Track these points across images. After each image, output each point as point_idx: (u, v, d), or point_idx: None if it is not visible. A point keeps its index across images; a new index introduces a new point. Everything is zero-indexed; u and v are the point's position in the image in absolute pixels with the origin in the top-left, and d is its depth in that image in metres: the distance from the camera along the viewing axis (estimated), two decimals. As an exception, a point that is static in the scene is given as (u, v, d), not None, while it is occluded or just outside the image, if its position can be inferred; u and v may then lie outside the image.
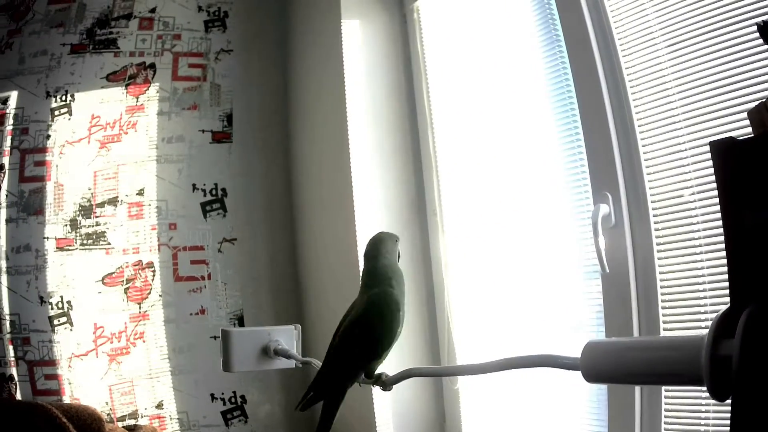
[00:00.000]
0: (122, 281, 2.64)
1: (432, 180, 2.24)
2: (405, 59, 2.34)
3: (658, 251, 1.40)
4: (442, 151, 2.20)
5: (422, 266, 2.28)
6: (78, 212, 2.65)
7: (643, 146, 1.43)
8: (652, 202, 1.41)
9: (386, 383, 1.15)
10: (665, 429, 1.36)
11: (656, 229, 1.41)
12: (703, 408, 1.31)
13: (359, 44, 2.32)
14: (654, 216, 1.41)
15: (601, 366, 0.68)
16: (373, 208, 2.23)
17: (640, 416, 1.43)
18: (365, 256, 1.24)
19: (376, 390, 1.97)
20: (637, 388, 1.40)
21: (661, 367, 0.64)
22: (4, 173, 2.69)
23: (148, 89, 2.74)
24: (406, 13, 2.35)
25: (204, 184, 2.72)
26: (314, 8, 2.60)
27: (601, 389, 1.55)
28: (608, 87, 1.49)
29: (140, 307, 2.62)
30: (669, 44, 1.36)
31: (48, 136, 2.70)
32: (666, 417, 1.36)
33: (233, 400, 2.63)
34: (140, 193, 2.67)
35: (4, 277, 2.78)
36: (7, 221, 2.78)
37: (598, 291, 1.53)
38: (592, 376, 0.69)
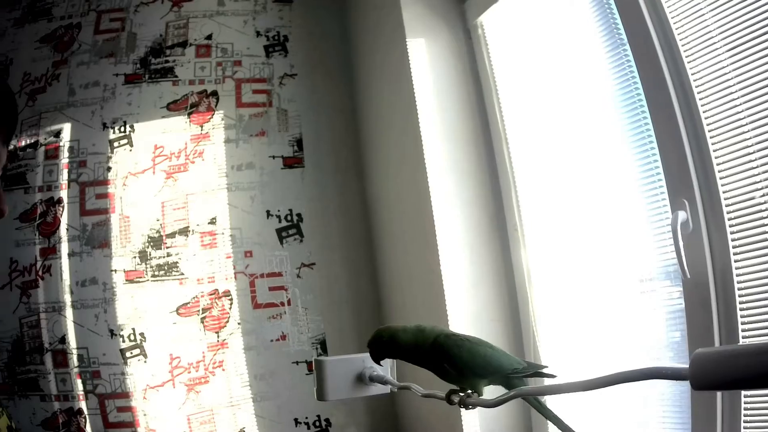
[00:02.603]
0: (198, 311, 2.53)
1: (510, 195, 2.21)
2: (473, 75, 2.32)
3: (734, 254, 1.40)
4: (519, 165, 2.20)
5: (505, 282, 2.24)
6: (147, 243, 2.49)
7: (714, 151, 1.44)
8: (726, 206, 1.42)
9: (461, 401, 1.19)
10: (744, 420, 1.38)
11: (731, 233, 1.41)
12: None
13: (426, 62, 2.30)
14: (729, 219, 1.42)
15: (711, 374, 0.66)
16: (453, 226, 2.21)
17: (721, 413, 1.42)
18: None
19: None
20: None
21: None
22: (63, 207, 2.48)
23: (212, 117, 2.64)
24: (470, 29, 2.34)
25: (278, 210, 2.65)
26: (377, 28, 2.61)
27: (684, 390, 1.55)
28: (677, 95, 1.49)
29: (218, 336, 2.52)
30: (729, 48, 1.38)
31: (109, 168, 2.62)
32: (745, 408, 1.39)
33: (318, 423, 2.56)
34: (212, 222, 2.57)
35: (70, 311, 2.69)
36: (70, 255, 2.74)
37: (677, 296, 1.56)
38: (701, 385, 0.68)
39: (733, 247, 1.41)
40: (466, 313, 2.16)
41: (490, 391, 1.18)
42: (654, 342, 1.68)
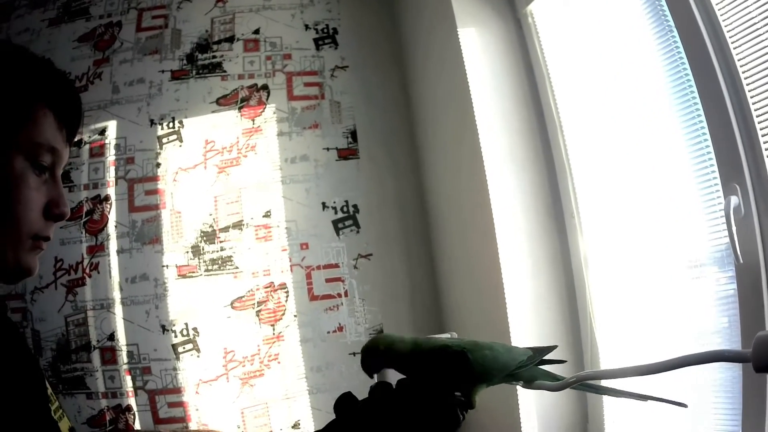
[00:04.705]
0: (253, 304, 2.48)
1: (567, 182, 2.22)
2: (525, 64, 2.33)
3: None
4: (574, 153, 2.21)
5: (562, 269, 2.24)
6: (200, 238, 2.44)
7: (762, 136, 1.45)
8: None
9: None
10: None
11: None
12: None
13: (478, 52, 2.30)
14: None
15: None
16: (510, 215, 2.21)
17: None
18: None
19: (522, 391, 2.07)
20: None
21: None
22: (111, 204, 2.41)
23: (263, 111, 2.63)
24: (520, 17, 2.34)
25: (334, 202, 2.64)
26: (427, 19, 2.62)
27: (735, 377, 1.55)
28: (726, 82, 1.50)
29: (274, 329, 2.51)
30: None
31: (158, 165, 2.57)
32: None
33: (375, 414, 2.39)
34: (267, 215, 2.56)
35: (119, 308, 2.68)
36: (119, 252, 2.77)
37: (724, 282, 1.57)
38: (762, 367, 0.69)
39: (783, 232, 1.47)
40: (525, 302, 2.18)
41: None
42: (703, 328, 1.70)
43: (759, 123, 1.46)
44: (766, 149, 1.45)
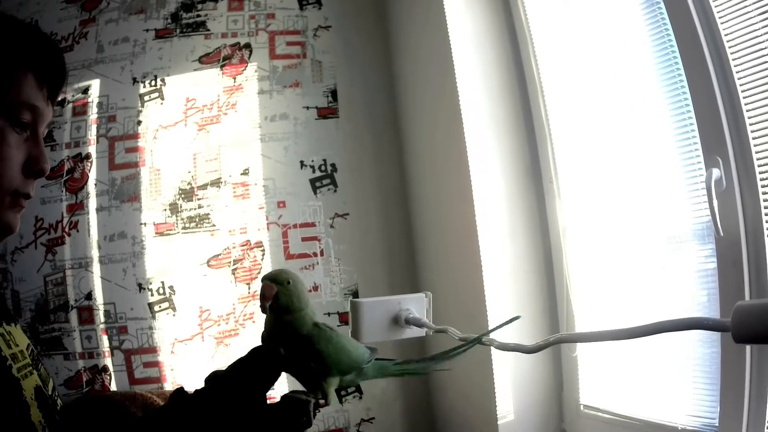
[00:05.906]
0: (229, 262, 2.46)
1: (546, 147, 2.19)
2: (509, 27, 2.28)
3: (766, 213, 1.40)
4: (554, 117, 2.17)
5: (539, 233, 2.22)
6: (178, 196, 2.40)
7: (747, 111, 1.43)
8: (759, 165, 1.42)
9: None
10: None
11: (763, 192, 1.41)
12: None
13: (462, 14, 2.26)
14: (761, 179, 1.41)
15: (751, 326, 0.67)
16: (488, 178, 2.18)
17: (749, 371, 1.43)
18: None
19: (497, 358, 2.06)
20: (748, 352, 1.42)
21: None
22: (92, 162, 2.38)
23: (245, 69, 2.59)
24: None
25: (312, 161, 2.60)
26: None
27: (714, 353, 1.54)
28: (711, 54, 1.47)
29: (249, 288, 2.46)
30: (759, 7, 1.36)
31: (139, 122, 2.54)
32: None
33: (348, 373, 2.36)
34: (245, 173, 2.52)
35: (97, 267, 2.64)
36: (98, 210, 2.69)
37: (705, 256, 1.56)
38: (742, 337, 0.68)
39: (765, 207, 1.41)
40: (501, 265, 2.15)
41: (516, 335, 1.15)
42: (682, 302, 1.67)
43: (743, 94, 1.43)
44: (750, 122, 1.42)
